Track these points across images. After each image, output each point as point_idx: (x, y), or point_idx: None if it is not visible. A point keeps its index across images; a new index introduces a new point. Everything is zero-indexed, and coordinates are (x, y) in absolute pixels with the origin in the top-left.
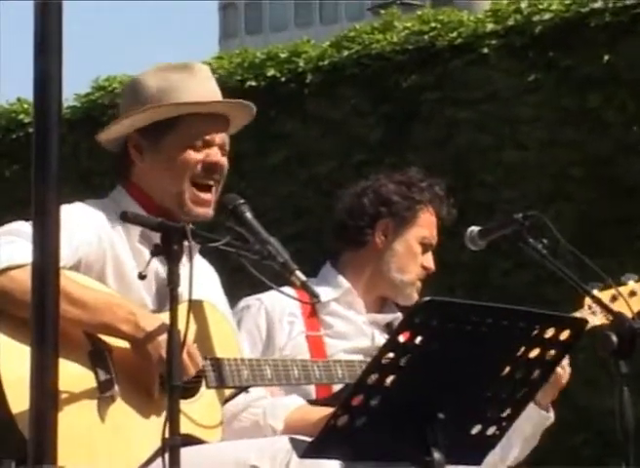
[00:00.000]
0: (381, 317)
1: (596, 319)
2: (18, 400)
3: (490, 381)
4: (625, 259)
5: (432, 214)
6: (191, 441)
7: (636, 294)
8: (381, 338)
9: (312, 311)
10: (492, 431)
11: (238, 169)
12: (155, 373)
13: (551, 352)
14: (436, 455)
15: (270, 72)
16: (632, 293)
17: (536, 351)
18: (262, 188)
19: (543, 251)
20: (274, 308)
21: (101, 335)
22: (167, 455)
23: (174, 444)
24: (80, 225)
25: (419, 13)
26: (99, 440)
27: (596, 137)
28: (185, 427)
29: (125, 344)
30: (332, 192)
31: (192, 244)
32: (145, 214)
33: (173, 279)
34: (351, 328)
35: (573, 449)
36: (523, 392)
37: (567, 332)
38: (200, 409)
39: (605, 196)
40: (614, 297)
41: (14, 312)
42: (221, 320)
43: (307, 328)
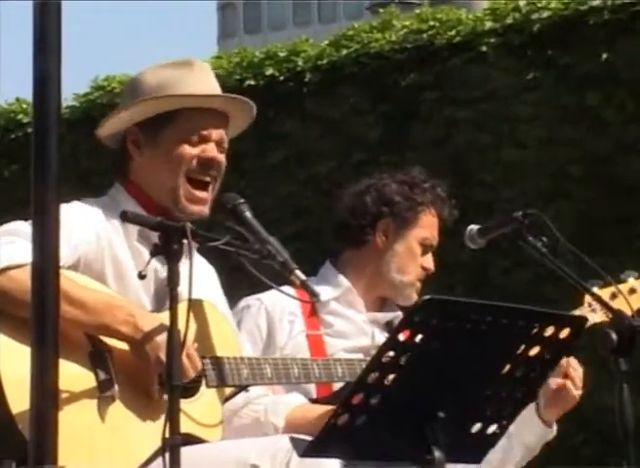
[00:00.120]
0: (381, 316)
1: (596, 316)
2: (18, 400)
3: (490, 380)
4: (625, 258)
5: (434, 215)
6: (192, 440)
7: (636, 292)
8: (382, 337)
9: (312, 310)
10: (492, 429)
11: (237, 168)
12: (154, 374)
13: (551, 350)
14: (436, 454)
15: (269, 71)
16: (632, 291)
17: (535, 349)
18: (262, 188)
19: (543, 249)
20: (274, 308)
21: (102, 336)
22: (167, 455)
23: (174, 443)
24: (79, 224)
25: (417, 11)
26: (99, 440)
27: (595, 136)
28: (186, 426)
29: (125, 345)
30: (331, 191)
31: (191, 243)
32: (144, 211)
33: (173, 279)
34: (351, 326)
35: (572, 449)
36: (523, 390)
37: (567, 331)
38: (200, 409)
39: (604, 195)
40: (613, 295)
41: (14, 312)
42: (221, 319)
43: (307, 327)
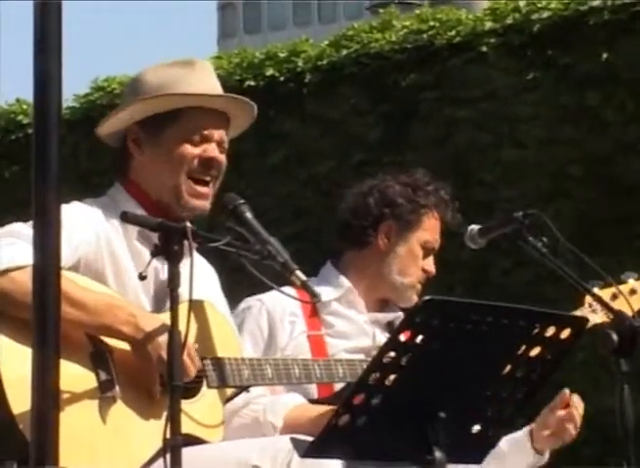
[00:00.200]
0: (382, 316)
1: (597, 317)
2: (19, 401)
3: (490, 380)
4: (624, 258)
5: (436, 218)
6: (193, 441)
7: (636, 293)
8: (382, 338)
9: (313, 311)
10: (492, 430)
11: (238, 168)
12: (155, 374)
13: (552, 350)
14: (437, 454)
15: (269, 72)
16: (632, 292)
17: (536, 350)
18: (262, 188)
19: (543, 249)
20: (275, 308)
21: (103, 337)
22: (168, 455)
23: (175, 444)
24: (79, 225)
25: (417, 12)
26: (100, 440)
27: (595, 136)
28: (187, 427)
29: (126, 345)
30: (331, 192)
31: (192, 244)
32: (143, 211)
33: (173, 280)
34: (352, 327)
35: (572, 449)
36: (524, 391)
37: (567, 331)
38: (201, 409)
39: (604, 195)
40: (614, 296)
41: (14, 313)
42: (222, 320)
43: (309, 327)
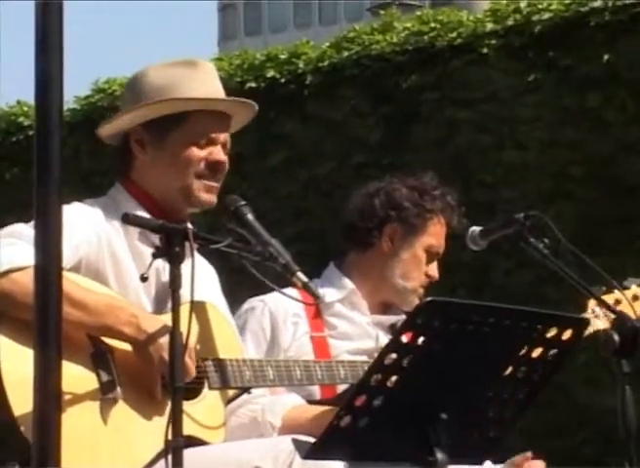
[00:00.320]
0: (386, 318)
1: (600, 323)
2: (20, 402)
3: (492, 381)
4: (626, 259)
5: (442, 223)
6: (194, 442)
7: (639, 299)
8: (385, 339)
9: (316, 312)
10: (494, 431)
11: (239, 170)
12: (157, 375)
13: (553, 351)
14: (439, 455)
15: (270, 73)
16: (635, 298)
17: (538, 351)
18: (263, 189)
19: (545, 250)
20: (278, 309)
21: (104, 338)
22: (170, 457)
23: (177, 445)
24: (80, 225)
25: (418, 13)
26: (101, 442)
27: (596, 137)
28: (188, 428)
29: (127, 346)
30: (332, 193)
31: (193, 245)
32: (144, 211)
33: (175, 281)
34: (355, 329)
35: (573, 449)
36: (525, 392)
37: (569, 332)
38: (203, 411)
39: (605, 196)
40: (617, 301)
41: (15, 314)
42: (223, 321)
43: (311, 328)
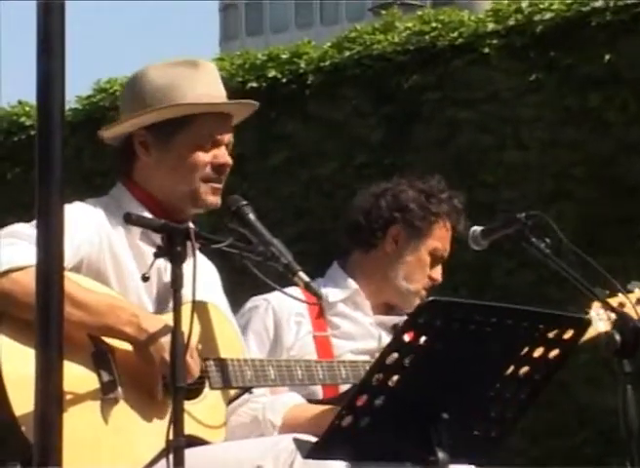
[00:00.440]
0: (388, 318)
1: (602, 325)
2: (21, 402)
3: (494, 381)
4: (627, 259)
5: (447, 227)
6: (195, 441)
7: None
8: (388, 340)
9: (319, 312)
10: (496, 431)
11: (240, 170)
12: (158, 375)
13: (555, 351)
14: (440, 455)
15: (271, 73)
16: (639, 301)
17: (539, 350)
18: (264, 189)
19: (547, 250)
20: (281, 308)
21: (104, 337)
22: (171, 456)
23: (178, 445)
24: (81, 225)
25: (419, 13)
26: (102, 441)
27: (597, 137)
28: (189, 428)
29: (128, 346)
30: (333, 193)
31: (195, 245)
32: (146, 211)
33: (177, 281)
34: (358, 329)
35: (574, 449)
36: (527, 392)
37: (571, 332)
38: (204, 410)
39: (606, 196)
40: (621, 305)
41: (16, 314)
42: (225, 321)
43: (315, 328)
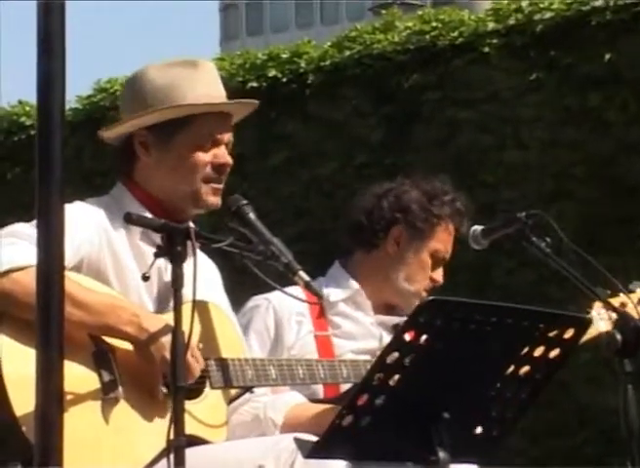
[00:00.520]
0: (389, 318)
1: (604, 324)
2: (21, 402)
3: (494, 380)
4: (627, 258)
5: (450, 228)
6: (196, 441)
7: None
8: (389, 340)
9: (320, 311)
10: (496, 430)
11: (240, 170)
12: (159, 375)
13: (555, 351)
14: (441, 455)
15: (272, 73)
16: None
17: (540, 350)
18: (264, 189)
19: (547, 250)
20: (282, 308)
21: (105, 337)
22: (172, 456)
23: (179, 444)
24: (81, 224)
25: (419, 12)
26: (103, 441)
27: (598, 137)
28: (190, 427)
29: (129, 345)
30: (333, 193)
31: (195, 244)
32: (146, 210)
33: (177, 280)
34: (359, 328)
35: (574, 449)
36: (527, 391)
37: (571, 331)
38: (205, 410)
39: (606, 196)
40: (622, 305)
41: (16, 314)
42: (226, 321)
43: (316, 327)
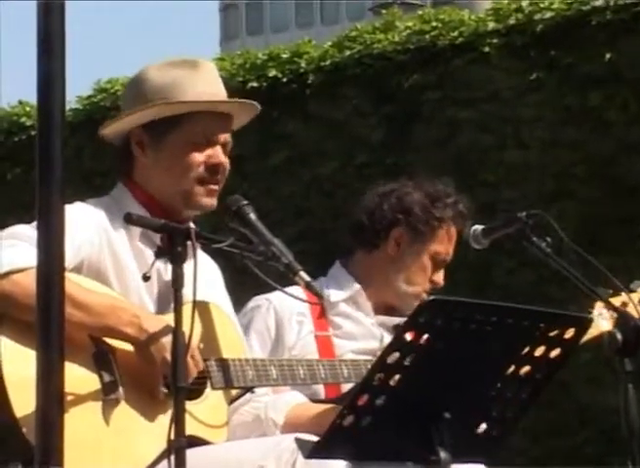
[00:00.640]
0: (390, 319)
1: (605, 324)
2: (22, 404)
3: (495, 380)
4: (628, 258)
5: (451, 231)
6: (197, 442)
7: None
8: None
9: (321, 311)
10: (497, 430)
11: (240, 170)
12: (159, 375)
13: (556, 350)
14: (442, 454)
15: (272, 73)
16: None
17: (541, 349)
18: (264, 189)
19: (548, 249)
20: (283, 308)
21: (105, 338)
22: (173, 457)
23: (179, 445)
24: (81, 225)
25: (420, 12)
26: (103, 442)
27: (598, 137)
28: (191, 428)
29: (129, 346)
30: (334, 193)
31: (195, 245)
32: (146, 211)
33: (177, 281)
34: (360, 329)
35: (574, 448)
36: (528, 391)
37: (572, 331)
38: (205, 410)
39: (607, 195)
40: (624, 304)
41: (17, 316)
42: (227, 321)
43: (316, 328)
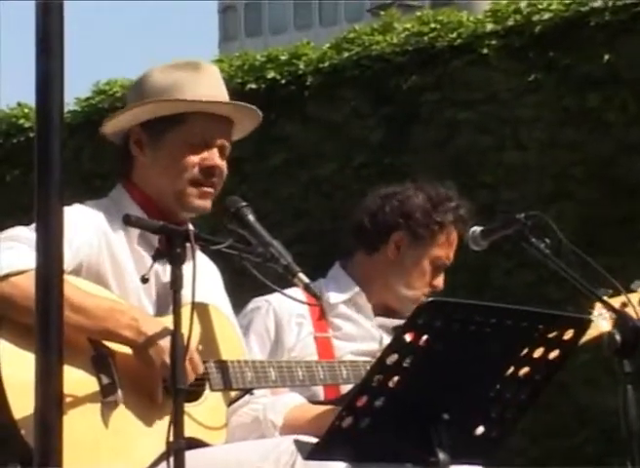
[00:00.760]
0: (389, 321)
1: (605, 325)
2: (20, 406)
3: (494, 381)
4: (627, 259)
5: (452, 235)
6: (195, 444)
7: None
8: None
9: (321, 313)
10: (496, 431)
11: (238, 171)
12: (158, 378)
13: (555, 351)
14: (441, 456)
15: (270, 74)
16: None
17: (540, 351)
18: (263, 190)
19: (546, 250)
20: (282, 309)
21: (105, 341)
22: (172, 459)
23: (178, 447)
24: (80, 227)
25: (418, 14)
26: (102, 445)
27: (597, 138)
28: (190, 430)
29: (128, 349)
30: (332, 194)
31: (194, 246)
32: (143, 212)
33: (176, 282)
34: (360, 330)
35: (573, 449)
36: (527, 392)
37: (571, 332)
38: (204, 412)
39: (606, 196)
40: (623, 305)
41: (16, 318)
42: (226, 323)
43: (316, 329)
